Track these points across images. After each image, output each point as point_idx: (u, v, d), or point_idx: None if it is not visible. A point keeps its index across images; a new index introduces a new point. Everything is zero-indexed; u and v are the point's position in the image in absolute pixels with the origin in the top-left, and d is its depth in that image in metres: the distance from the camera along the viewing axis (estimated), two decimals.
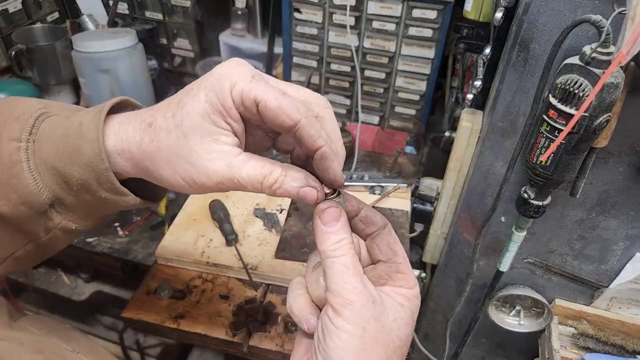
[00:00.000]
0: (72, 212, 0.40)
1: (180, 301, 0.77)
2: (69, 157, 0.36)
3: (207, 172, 0.34)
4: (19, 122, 0.37)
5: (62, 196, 0.38)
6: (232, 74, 0.33)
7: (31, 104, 0.39)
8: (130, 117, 0.38)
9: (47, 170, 0.37)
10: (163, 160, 0.35)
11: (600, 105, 0.50)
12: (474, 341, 0.96)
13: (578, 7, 0.54)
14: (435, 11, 1.08)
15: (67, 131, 0.37)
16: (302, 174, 0.35)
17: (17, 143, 0.36)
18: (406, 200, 1.01)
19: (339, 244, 0.35)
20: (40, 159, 0.37)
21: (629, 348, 0.75)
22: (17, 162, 0.36)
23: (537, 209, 0.65)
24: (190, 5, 1.35)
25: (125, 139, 0.36)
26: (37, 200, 0.37)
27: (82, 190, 0.37)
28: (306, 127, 0.33)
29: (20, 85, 1.23)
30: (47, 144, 0.37)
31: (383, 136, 1.25)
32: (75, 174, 0.36)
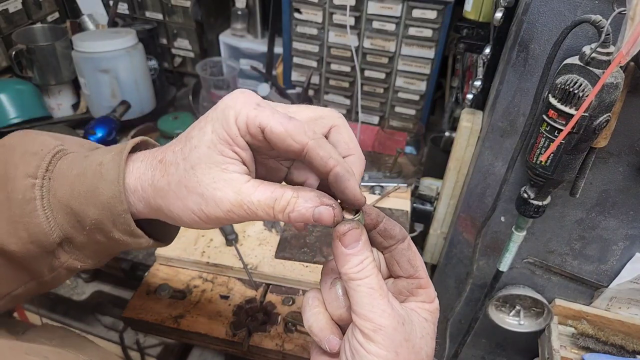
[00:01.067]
0: (80, 251, 0.39)
1: (180, 301, 0.77)
2: (85, 197, 0.35)
3: (216, 201, 0.33)
4: (36, 158, 0.36)
5: (73, 235, 0.37)
6: (236, 103, 0.33)
7: (49, 141, 0.39)
8: (144, 155, 0.37)
9: (61, 209, 0.36)
10: (173, 195, 0.35)
11: (600, 105, 0.50)
12: (474, 341, 0.96)
13: (578, 7, 0.54)
14: (435, 11, 1.08)
15: (85, 170, 0.36)
16: (315, 193, 0.34)
17: (33, 180, 0.36)
18: (406, 200, 1.01)
19: (362, 265, 0.34)
20: (55, 197, 0.36)
21: (629, 348, 0.75)
22: (31, 200, 0.35)
23: (537, 209, 0.65)
24: (190, 5, 1.36)
25: (138, 177, 0.36)
26: (47, 240, 0.36)
27: (95, 231, 0.37)
28: (315, 149, 0.32)
29: (20, 85, 1.23)
30: (63, 182, 0.36)
31: (383, 136, 1.25)
32: (90, 213, 0.36)
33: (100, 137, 1.03)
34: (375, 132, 1.28)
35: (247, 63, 1.43)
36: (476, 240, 0.78)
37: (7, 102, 1.18)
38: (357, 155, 0.37)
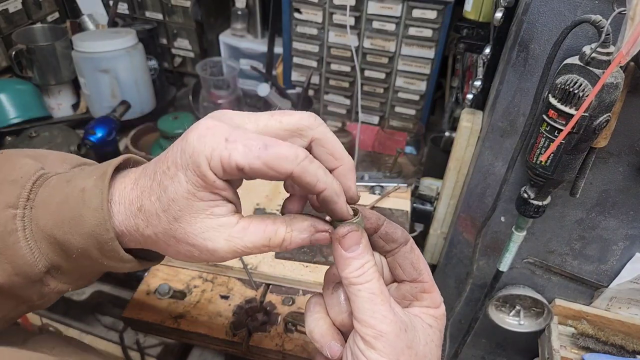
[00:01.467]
0: (69, 275, 0.38)
1: (180, 301, 0.77)
2: (69, 225, 0.33)
3: (208, 252, 0.33)
4: (16, 186, 0.35)
5: (60, 263, 0.36)
6: (205, 144, 0.30)
7: (29, 165, 0.36)
8: (121, 196, 0.34)
9: (45, 238, 0.34)
10: (163, 244, 0.34)
11: (600, 105, 0.50)
12: (473, 341, 0.96)
13: (578, 7, 0.54)
14: (435, 11, 1.08)
15: (67, 198, 0.34)
16: (308, 222, 0.34)
17: (14, 210, 0.34)
18: (406, 200, 1.01)
19: (362, 269, 0.33)
20: (38, 227, 0.34)
21: (629, 348, 0.75)
22: (13, 231, 0.33)
23: (537, 209, 0.65)
24: (190, 5, 1.36)
25: (122, 222, 0.34)
26: (32, 271, 0.35)
27: (82, 258, 0.35)
28: (300, 175, 0.30)
29: (20, 85, 1.23)
30: (45, 211, 0.34)
31: (383, 136, 1.25)
32: (75, 242, 0.34)
33: (100, 137, 1.03)
34: (375, 132, 1.28)
35: (247, 63, 1.43)
36: (476, 240, 0.78)
37: (7, 102, 1.18)
38: (345, 164, 0.35)
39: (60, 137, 1.10)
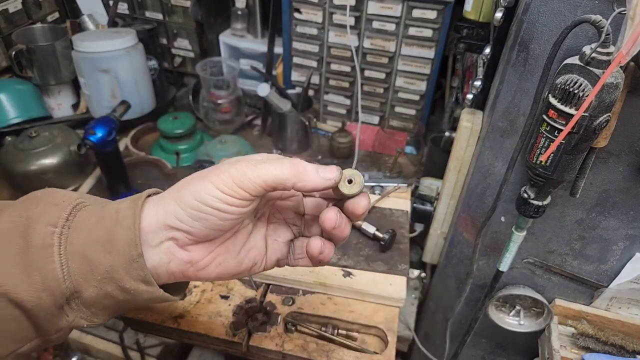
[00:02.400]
0: (88, 308, 0.39)
1: (180, 301, 0.77)
2: (102, 243, 0.36)
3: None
4: (57, 208, 0.38)
5: (82, 288, 0.37)
6: None
7: (70, 194, 0.40)
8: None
9: (76, 257, 0.37)
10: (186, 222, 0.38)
11: (600, 105, 0.50)
12: (473, 341, 0.96)
13: (578, 7, 0.54)
14: (435, 11, 1.08)
15: (102, 218, 0.37)
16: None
17: (53, 228, 0.37)
18: (406, 200, 1.01)
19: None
20: (72, 246, 0.37)
21: (629, 348, 0.75)
22: (49, 246, 0.36)
23: (537, 209, 0.65)
24: (190, 5, 1.36)
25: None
26: (59, 288, 0.36)
27: (106, 280, 0.37)
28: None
29: (20, 85, 1.23)
30: (81, 231, 0.37)
31: (383, 136, 1.25)
32: (104, 261, 0.36)
33: (100, 137, 1.03)
34: (375, 132, 1.28)
35: (247, 63, 1.43)
36: (476, 240, 0.78)
37: (7, 102, 1.18)
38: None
39: (60, 137, 1.10)
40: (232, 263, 0.42)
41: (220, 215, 0.37)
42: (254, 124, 1.44)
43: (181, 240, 0.38)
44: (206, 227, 0.37)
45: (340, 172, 0.37)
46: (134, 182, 1.17)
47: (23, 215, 0.37)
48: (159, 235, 0.37)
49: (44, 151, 1.07)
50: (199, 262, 0.40)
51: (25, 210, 0.38)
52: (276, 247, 0.44)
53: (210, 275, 0.41)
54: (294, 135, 1.26)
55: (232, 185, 0.36)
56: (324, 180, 0.37)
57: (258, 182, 0.36)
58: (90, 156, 1.18)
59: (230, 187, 0.36)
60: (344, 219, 0.40)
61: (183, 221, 0.37)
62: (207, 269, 0.40)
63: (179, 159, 1.26)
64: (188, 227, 0.37)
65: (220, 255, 0.41)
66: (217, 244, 0.41)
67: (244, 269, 0.43)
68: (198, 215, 0.37)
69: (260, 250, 0.44)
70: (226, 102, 1.34)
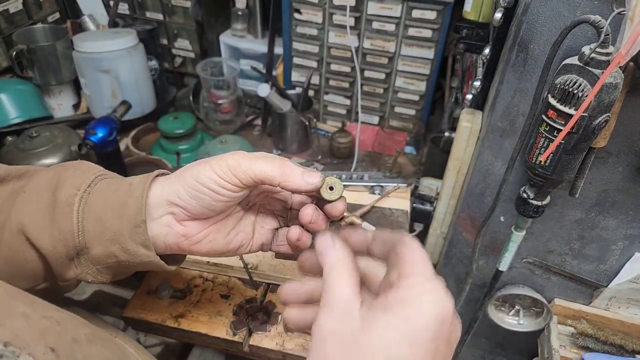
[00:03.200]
0: (94, 265, 0.45)
1: (180, 301, 0.77)
2: (114, 209, 0.42)
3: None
4: (83, 176, 0.44)
5: (92, 245, 0.43)
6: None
7: (96, 167, 0.47)
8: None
9: (92, 218, 0.42)
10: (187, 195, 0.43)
11: (599, 106, 0.51)
12: (473, 341, 0.96)
13: (577, 7, 0.54)
14: (435, 12, 1.08)
15: (117, 188, 0.44)
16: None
17: (76, 190, 0.43)
18: (406, 200, 1.01)
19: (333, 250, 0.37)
20: (90, 208, 0.43)
21: (628, 347, 0.75)
22: (70, 205, 0.42)
23: (537, 208, 0.65)
24: (190, 6, 1.36)
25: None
26: (72, 241, 0.42)
27: (113, 241, 0.43)
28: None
29: (20, 85, 1.23)
30: (99, 197, 0.43)
31: (383, 136, 1.25)
32: (114, 225, 0.42)
33: (100, 137, 1.03)
34: (375, 132, 1.28)
35: (247, 63, 1.43)
36: (476, 240, 0.78)
37: (8, 102, 1.18)
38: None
39: (60, 137, 1.10)
40: (222, 242, 0.47)
41: (214, 196, 0.42)
42: (254, 124, 1.44)
43: (179, 215, 0.44)
44: (201, 205, 0.42)
45: (322, 179, 0.42)
46: None
47: (56, 177, 0.44)
48: (160, 210, 0.43)
49: (44, 151, 1.07)
50: (193, 237, 0.45)
51: (58, 173, 0.45)
52: (262, 233, 0.50)
53: (202, 250, 0.46)
54: (294, 135, 1.26)
55: (227, 172, 0.40)
56: (307, 184, 0.41)
57: (250, 174, 0.41)
58: (91, 156, 1.17)
59: (225, 173, 0.40)
60: (321, 216, 0.45)
61: (182, 198, 0.42)
62: (199, 244, 0.46)
63: (179, 159, 1.26)
64: (185, 203, 0.43)
65: (212, 234, 0.46)
66: (210, 223, 0.46)
67: (232, 249, 0.48)
68: (195, 194, 0.42)
69: (247, 235, 0.49)
70: (226, 103, 1.34)
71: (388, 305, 0.30)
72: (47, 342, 0.32)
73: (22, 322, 0.32)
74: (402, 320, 0.29)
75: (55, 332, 0.34)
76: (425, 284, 0.31)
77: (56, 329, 0.34)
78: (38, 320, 0.33)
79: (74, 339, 0.35)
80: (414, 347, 0.29)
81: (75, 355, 0.34)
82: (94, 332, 0.39)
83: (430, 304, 0.30)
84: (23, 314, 0.33)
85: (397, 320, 0.29)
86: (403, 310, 0.30)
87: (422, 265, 0.32)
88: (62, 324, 0.35)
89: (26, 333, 0.31)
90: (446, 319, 0.30)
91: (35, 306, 0.35)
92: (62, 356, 0.32)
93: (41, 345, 0.31)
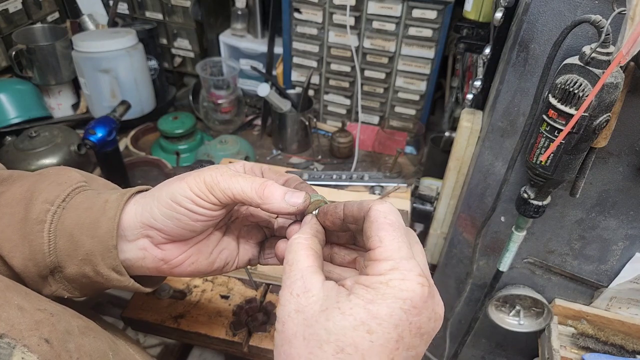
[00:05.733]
0: (68, 282, 0.42)
1: (180, 301, 0.77)
2: (87, 228, 0.39)
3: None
4: (58, 188, 0.41)
5: (65, 264, 0.40)
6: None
7: (74, 176, 0.43)
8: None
9: (64, 235, 0.39)
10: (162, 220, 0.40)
11: (600, 105, 0.50)
12: (473, 341, 0.96)
13: (578, 7, 0.54)
14: (435, 11, 1.08)
15: (92, 205, 0.40)
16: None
17: (49, 206, 0.39)
18: (406, 200, 1.01)
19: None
20: (62, 225, 0.40)
21: (629, 348, 0.75)
22: (42, 222, 0.39)
23: (537, 208, 0.65)
24: (190, 6, 1.36)
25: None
26: (43, 261, 0.39)
27: (85, 262, 0.40)
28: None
29: (20, 85, 1.23)
30: (73, 213, 0.40)
31: (383, 136, 1.25)
32: (86, 244, 0.39)
33: (100, 137, 1.03)
34: (375, 132, 1.28)
35: (247, 63, 1.43)
36: (476, 240, 0.78)
37: (7, 102, 1.18)
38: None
39: (60, 137, 1.10)
40: (205, 263, 0.44)
41: (191, 215, 0.38)
42: (254, 124, 1.44)
43: (155, 239, 0.40)
44: (178, 226, 0.39)
45: (307, 200, 0.38)
46: (134, 182, 1.17)
47: (30, 189, 0.41)
48: (135, 232, 0.40)
49: (44, 151, 1.07)
50: (172, 261, 0.42)
51: (33, 184, 0.41)
52: (248, 248, 0.47)
53: (184, 272, 0.43)
54: (294, 135, 1.26)
55: (204, 190, 0.37)
56: (289, 206, 0.37)
57: (228, 193, 0.37)
58: (91, 156, 1.18)
59: (202, 191, 0.37)
60: None
61: (157, 220, 0.39)
62: (180, 267, 0.42)
63: (179, 159, 1.26)
64: (161, 225, 0.39)
65: (193, 255, 0.43)
66: (190, 245, 0.42)
67: (216, 268, 0.45)
68: (170, 214, 0.38)
69: (232, 252, 0.46)
70: (226, 102, 1.34)
71: (354, 288, 0.29)
72: (42, 334, 0.32)
73: (17, 313, 0.32)
74: (364, 305, 0.28)
75: (49, 324, 0.34)
76: (394, 268, 0.29)
77: (50, 320, 0.34)
78: (33, 312, 0.34)
79: (67, 330, 0.35)
80: (373, 335, 0.27)
81: (67, 345, 0.34)
82: (86, 325, 0.39)
83: (395, 289, 0.28)
84: (18, 306, 0.33)
85: (358, 306, 0.28)
86: (366, 295, 0.28)
87: (390, 243, 0.30)
88: (56, 315, 0.35)
89: (21, 324, 0.32)
90: (415, 305, 0.28)
91: (30, 298, 0.35)
92: (55, 346, 0.33)
93: (35, 337, 0.32)
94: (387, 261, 0.29)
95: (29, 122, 1.21)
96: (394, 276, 0.29)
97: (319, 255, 0.34)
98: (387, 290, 0.28)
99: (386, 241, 0.30)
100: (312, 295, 0.30)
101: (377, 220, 0.32)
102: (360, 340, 0.27)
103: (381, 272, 0.29)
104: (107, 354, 0.39)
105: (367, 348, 0.27)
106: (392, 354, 0.28)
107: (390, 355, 0.28)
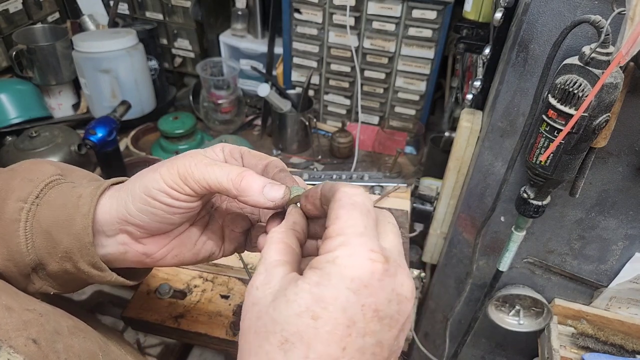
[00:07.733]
0: (53, 279, 0.41)
1: (180, 301, 0.77)
2: (63, 225, 0.37)
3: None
4: (31, 185, 0.39)
5: (46, 261, 0.39)
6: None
7: (47, 170, 0.41)
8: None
9: (41, 234, 0.38)
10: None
11: (600, 105, 0.50)
12: (473, 341, 0.96)
13: (577, 7, 0.54)
14: (435, 11, 1.08)
15: (67, 201, 0.38)
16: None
17: (22, 204, 0.38)
18: (406, 200, 1.01)
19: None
20: (38, 223, 0.38)
21: (629, 347, 0.75)
22: (16, 221, 0.37)
23: (537, 208, 0.65)
24: (190, 6, 1.36)
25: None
26: (23, 260, 0.38)
27: (65, 259, 0.38)
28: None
29: (20, 85, 1.23)
30: (48, 209, 0.38)
31: (383, 136, 1.25)
32: (64, 241, 0.37)
33: (100, 137, 1.03)
34: (375, 132, 1.28)
35: (247, 63, 1.43)
36: (476, 240, 0.78)
37: (8, 102, 1.18)
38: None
39: (60, 137, 1.10)
40: (189, 254, 0.42)
41: (167, 209, 0.36)
42: (254, 124, 1.44)
43: (134, 234, 0.39)
44: (155, 220, 0.37)
45: (286, 195, 0.35)
46: None
47: (4, 187, 0.39)
48: (113, 227, 0.38)
49: (44, 151, 1.07)
50: (155, 255, 0.40)
51: (5, 181, 0.39)
52: (233, 237, 0.44)
53: (168, 264, 0.42)
54: (294, 135, 1.26)
55: (178, 181, 0.35)
56: (266, 200, 0.34)
57: (203, 183, 0.35)
58: (91, 156, 1.18)
59: (176, 182, 0.35)
60: None
61: (133, 215, 0.37)
62: (164, 259, 0.41)
63: None
64: (138, 220, 0.37)
65: (175, 248, 0.41)
66: (171, 237, 0.41)
67: (202, 259, 0.43)
68: (145, 209, 0.36)
69: (217, 241, 0.44)
70: (226, 102, 1.34)
71: (305, 272, 0.27)
72: (30, 334, 0.32)
73: (5, 314, 0.32)
74: (309, 289, 0.25)
75: (38, 324, 0.33)
76: (342, 244, 0.26)
77: (39, 320, 0.34)
78: (21, 312, 0.33)
79: (55, 330, 0.35)
80: (318, 321, 0.24)
81: (56, 346, 0.34)
82: (76, 325, 0.38)
83: (340, 266, 0.25)
84: (6, 306, 0.33)
85: (304, 291, 0.25)
86: (313, 277, 0.25)
87: (346, 220, 0.27)
88: (45, 315, 0.35)
89: (8, 325, 0.31)
90: (366, 284, 0.24)
91: (19, 298, 0.35)
92: (43, 347, 0.32)
93: (23, 337, 0.31)
94: (338, 237, 0.26)
95: (30, 122, 1.21)
96: (341, 252, 0.25)
97: (293, 248, 0.31)
98: (332, 269, 0.25)
99: (342, 218, 0.27)
100: (268, 288, 0.28)
101: (340, 199, 0.28)
102: (305, 327, 0.24)
103: (329, 249, 0.26)
104: (96, 354, 0.38)
105: (313, 335, 0.24)
106: (343, 342, 0.24)
107: (341, 344, 0.24)
